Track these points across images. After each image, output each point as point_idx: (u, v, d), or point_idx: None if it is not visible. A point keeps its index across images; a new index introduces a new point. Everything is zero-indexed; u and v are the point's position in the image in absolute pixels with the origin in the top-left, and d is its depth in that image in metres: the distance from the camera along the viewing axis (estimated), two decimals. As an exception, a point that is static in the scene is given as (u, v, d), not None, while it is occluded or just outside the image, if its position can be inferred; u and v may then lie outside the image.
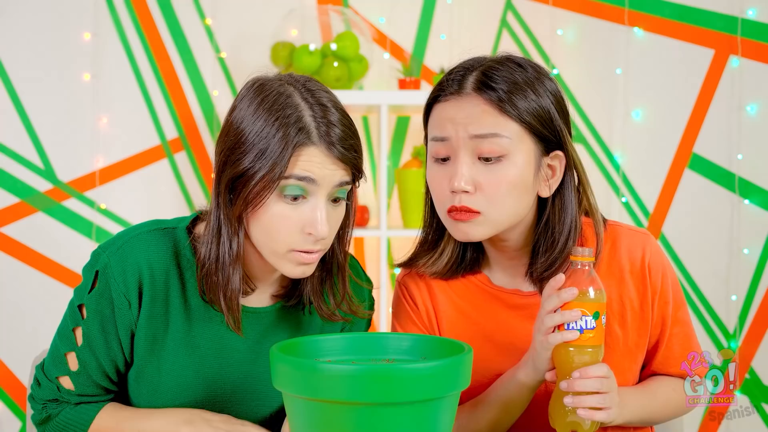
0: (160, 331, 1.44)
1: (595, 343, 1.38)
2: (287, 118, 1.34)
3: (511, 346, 1.56)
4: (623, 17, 3.09)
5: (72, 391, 1.47)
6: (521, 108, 1.45)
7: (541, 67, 1.51)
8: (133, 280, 1.41)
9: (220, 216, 1.39)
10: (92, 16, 3.09)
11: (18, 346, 3.04)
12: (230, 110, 1.41)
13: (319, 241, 1.38)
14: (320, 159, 1.35)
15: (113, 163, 3.13)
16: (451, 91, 1.48)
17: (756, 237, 2.96)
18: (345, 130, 1.38)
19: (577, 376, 1.37)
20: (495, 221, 1.47)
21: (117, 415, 1.46)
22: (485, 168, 1.45)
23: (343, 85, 3.00)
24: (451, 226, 1.50)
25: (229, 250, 1.39)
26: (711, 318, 3.03)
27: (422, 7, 3.25)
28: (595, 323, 1.37)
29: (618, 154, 3.11)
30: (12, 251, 3.06)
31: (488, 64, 1.49)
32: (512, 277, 1.59)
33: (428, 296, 1.62)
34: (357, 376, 1.14)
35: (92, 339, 1.44)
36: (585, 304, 1.37)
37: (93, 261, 1.45)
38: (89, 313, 1.43)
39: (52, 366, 1.47)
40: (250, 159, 1.34)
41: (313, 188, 1.36)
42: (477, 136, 1.45)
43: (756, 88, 2.95)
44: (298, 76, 1.42)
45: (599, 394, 1.37)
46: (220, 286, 1.40)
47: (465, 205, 1.46)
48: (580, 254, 1.39)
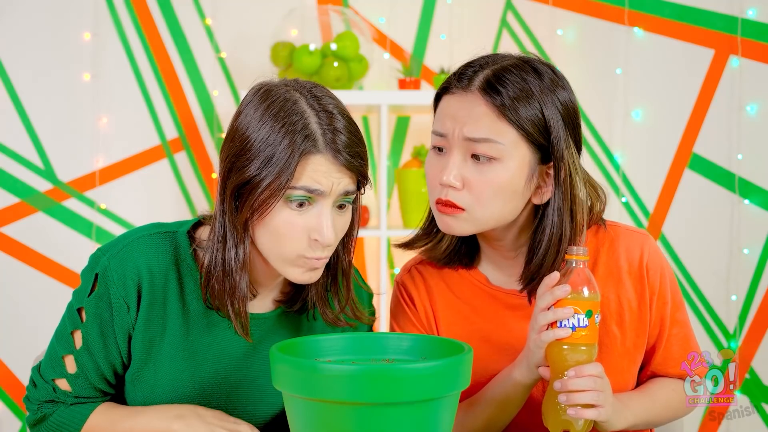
0: (158, 334, 1.44)
1: (588, 342, 1.39)
2: (293, 125, 1.34)
3: (508, 345, 1.56)
4: (623, 17, 3.09)
5: (69, 393, 1.46)
6: (522, 116, 1.44)
7: (559, 78, 1.49)
8: (132, 284, 1.41)
9: (225, 223, 1.38)
10: (92, 16, 3.09)
11: (18, 346, 3.04)
12: (235, 116, 1.40)
13: (325, 248, 1.38)
14: (326, 167, 1.35)
15: (113, 163, 3.13)
16: (460, 85, 1.48)
17: (756, 237, 2.96)
18: (351, 137, 1.37)
19: (572, 374, 1.37)
20: (478, 220, 1.48)
21: (110, 413, 1.46)
22: (475, 167, 1.46)
23: (343, 85, 3.00)
24: (437, 217, 1.52)
25: (236, 257, 1.38)
26: (711, 318, 3.03)
27: (422, 7, 3.25)
28: (587, 321, 1.37)
29: (618, 154, 3.11)
30: (12, 251, 3.06)
31: (503, 66, 1.47)
32: (509, 276, 1.59)
33: (426, 296, 1.62)
34: (357, 376, 1.14)
35: (91, 343, 1.43)
36: (578, 302, 1.38)
37: (92, 264, 1.44)
38: (88, 316, 1.43)
39: (50, 368, 1.47)
40: (257, 166, 1.34)
41: (319, 196, 1.36)
42: (471, 138, 1.45)
43: (756, 88, 2.95)
44: (304, 82, 1.41)
45: (592, 392, 1.37)
46: (227, 293, 1.39)
47: (450, 200, 1.47)
48: (574, 253, 1.40)
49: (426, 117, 3.30)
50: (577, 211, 1.49)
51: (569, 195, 1.48)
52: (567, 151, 1.47)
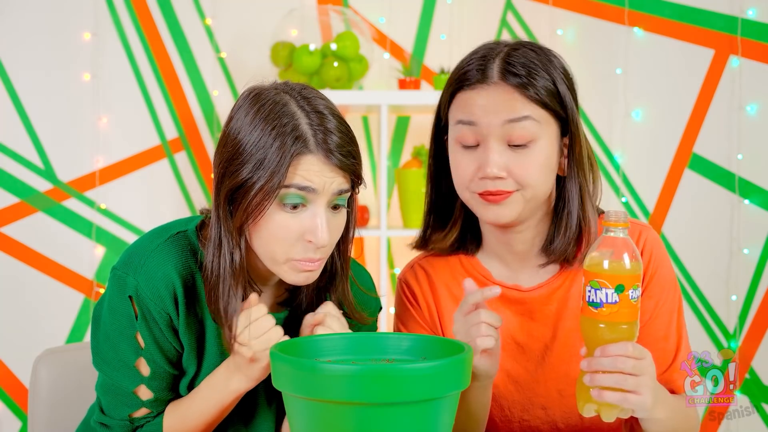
0: (198, 330, 1.45)
1: (616, 320, 1.28)
2: (284, 127, 1.34)
3: (510, 340, 1.57)
4: (623, 17, 3.09)
5: (148, 414, 1.46)
6: (540, 88, 1.48)
7: (547, 49, 1.55)
8: (167, 294, 1.40)
9: (220, 229, 1.39)
10: (92, 16, 3.09)
11: (18, 346, 3.04)
12: (227, 121, 1.41)
13: (319, 249, 1.38)
14: (318, 167, 1.35)
15: (113, 163, 3.13)
16: (477, 79, 1.50)
17: (756, 237, 2.96)
18: (343, 137, 1.37)
19: (598, 354, 1.32)
20: (529, 200, 1.50)
21: (176, 409, 1.46)
22: (515, 154, 1.48)
23: (343, 85, 3.00)
24: (482, 208, 1.52)
25: (231, 263, 1.38)
26: (711, 318, 3.03)
27: (422, 7, 3.25)
28: (618, 297, 1.27)
29: (618, 154, 3.11)
30: (12, 251, 3.06)
31: (507, 51, 1.52)
32: (513, 272, 1.60)
33: (430, 292, 1.63)
34: (357, 376, 1.14)
35: (158, 362, 1.43)
36: (604, 275, 1.28)
37: (119, 287, 1.41)
38: (145, 339, 1.42)
39: (123, 406, 1.45)
40: (249, 170, 1.34)
41: (312, 196, 1.36)
42: (510, 120, 1.47)
43: (756, 88, 2.95)
44: (294, 84, 1.42)
45: (617, 374, 1.30)
46: (222, 299, 1.39)
47: (500, 188, 1.48)
48: (605, 219, 1.31)
49: (426, 117, 3.30)
50: (596, 177, 1.56)
51: (586, 161, 1.54)
52: (579, 121, 1.53)
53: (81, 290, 3.11)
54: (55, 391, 1.73)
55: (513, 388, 1.58)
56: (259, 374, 1.41)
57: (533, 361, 1.57)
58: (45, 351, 1.75)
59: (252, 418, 1.52)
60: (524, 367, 1.58)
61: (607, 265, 1.28)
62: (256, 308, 1.39)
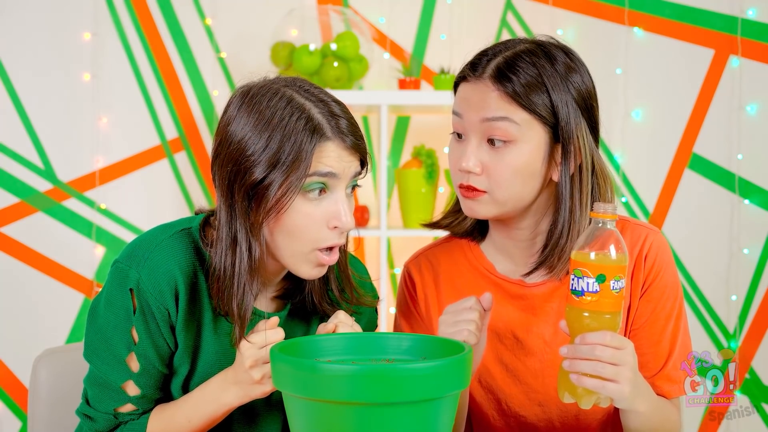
0: (195, 329, 1.44)
1: (596, 309, 1.30)
2: (297, 120, 1.35)
3: (510, 334, 1.57)
4: (623, 17, 3.09)
5: (134, 411, 1.45)
6: (534, 101, 1.47)
7: (573, 61, 1.54)
8: (168, 290, 1.39)
9: (236, 226, 1.38)
10: (92, 16, 3.09)
11: (18, 346, 3.04)
12: (225, 123, 1.40)
13: (342, 234, 1.40)
14: (337, 153, 1.37)
15: (113, 163, 3.13)
16: (474, 74, 1.52)
17: (756, 237, 2.96)
18: (350, 120, 1.40)
19: (578, 341, 1.33)
20: (499, 202, 1.50)
21: (163, 412, 1.45)
22: (493, 152, 1.48)
23: (343, 85, 3.00)
24: (462, 201, 1.55)
25: (248, 260, 1.37)
26: (711, 318, 3.03)
27: (422, 7, 3.25)
28: (599, 287, 1.29)
29: (618, 154, 3.11)
30: (12, 251, 3.06)
31: (515, 52, 1.51)
32: (518, 266, 1.60)
33: (432, 284, 1.64)
34: (357, 376, 1.14)
35: (149, 359, 1.42)
36: (586, 265, 1.30)
37: (120, 279, 1.41)
38: (140, 334, 1.41)
39: (107, 399, 1.44)
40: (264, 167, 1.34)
41: (333, 182, 1.38)
42: (487, 119, 1.48)
43: (756, 88, 2.95)
44: (285, 78, 1.42)
45: (595, 362, 1.31)
46: (236, 297, 1.38)
47: (471, 184, 1.50)
48: (594, 210, 1.33)
49: (426, 117, 3.30)
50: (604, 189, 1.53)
51: (588, 174, 1.52)
52: (578, 132, 1.51)
53: (81, 290, 3.11)
54: (54, 391, 1.72)
55: (510, 381, 1.58)
56: (258, 394, 1.40)
57: (532, 357, 1.58)
58: (45, 351, 1.75)
59: (257, 417, 1.52)
60: (522, 363, 1.58)
61: (592, 255, 1.30)
62: (273, 332, 1.38)
